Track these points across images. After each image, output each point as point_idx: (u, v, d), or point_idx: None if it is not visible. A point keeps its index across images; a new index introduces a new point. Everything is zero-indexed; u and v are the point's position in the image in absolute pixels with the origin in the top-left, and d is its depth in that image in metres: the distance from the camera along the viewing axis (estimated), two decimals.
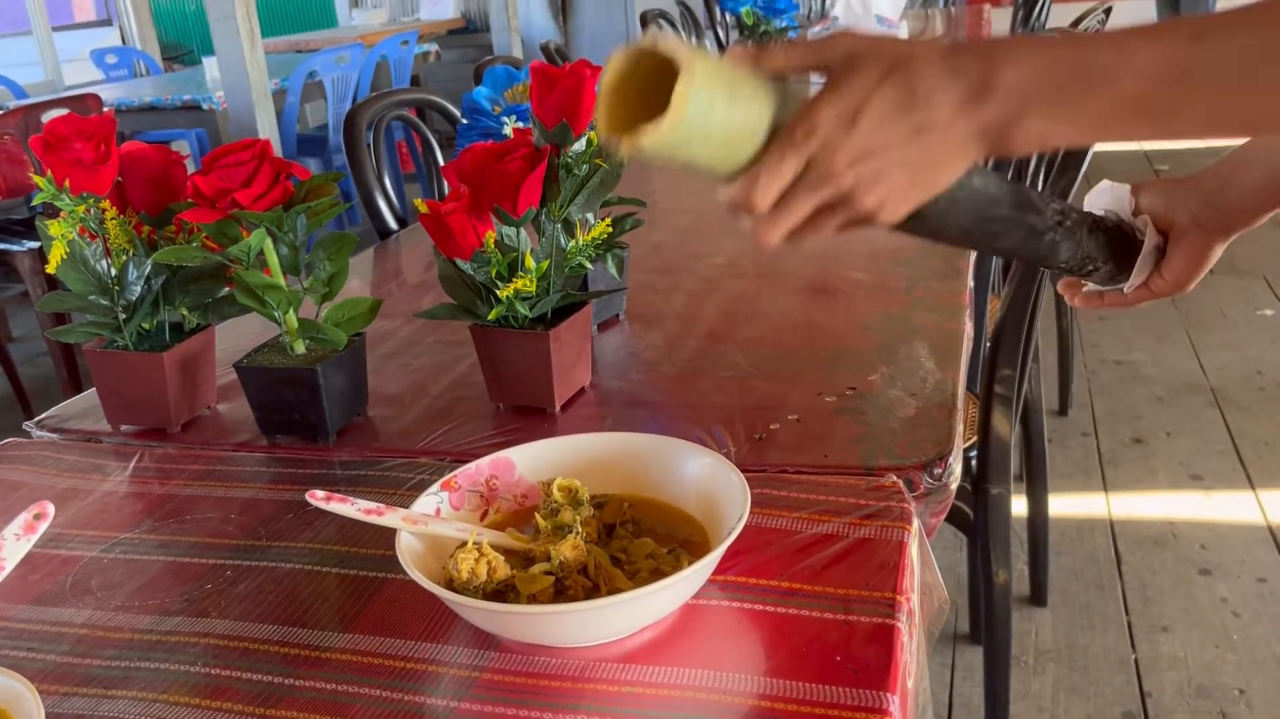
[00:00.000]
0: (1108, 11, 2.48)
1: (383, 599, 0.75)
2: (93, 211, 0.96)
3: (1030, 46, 0.52)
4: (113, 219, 0.97)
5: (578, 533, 0.71)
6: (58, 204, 0.95)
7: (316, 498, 0.72)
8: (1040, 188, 1.59)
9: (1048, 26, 3.04)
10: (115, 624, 0.75)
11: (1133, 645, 1.86)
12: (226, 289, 1.03)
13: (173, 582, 0.80)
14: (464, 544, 0.70)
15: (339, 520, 0.84)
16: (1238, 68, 0.50)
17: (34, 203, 0.96)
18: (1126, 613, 1.94)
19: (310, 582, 0.78)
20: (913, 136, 0.53)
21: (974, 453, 1.43)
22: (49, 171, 0.94)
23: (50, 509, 0.68)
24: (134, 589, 0.79)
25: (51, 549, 0.85)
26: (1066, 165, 1.39)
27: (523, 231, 0.99)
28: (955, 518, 1.49)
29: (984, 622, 1.68)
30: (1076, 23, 2.22)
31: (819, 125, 0.54)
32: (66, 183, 0.94)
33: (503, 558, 0.70)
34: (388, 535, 0.74)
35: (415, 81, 5.32)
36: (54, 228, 0.95)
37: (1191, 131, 0.51)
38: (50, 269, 0.96)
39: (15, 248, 3.07)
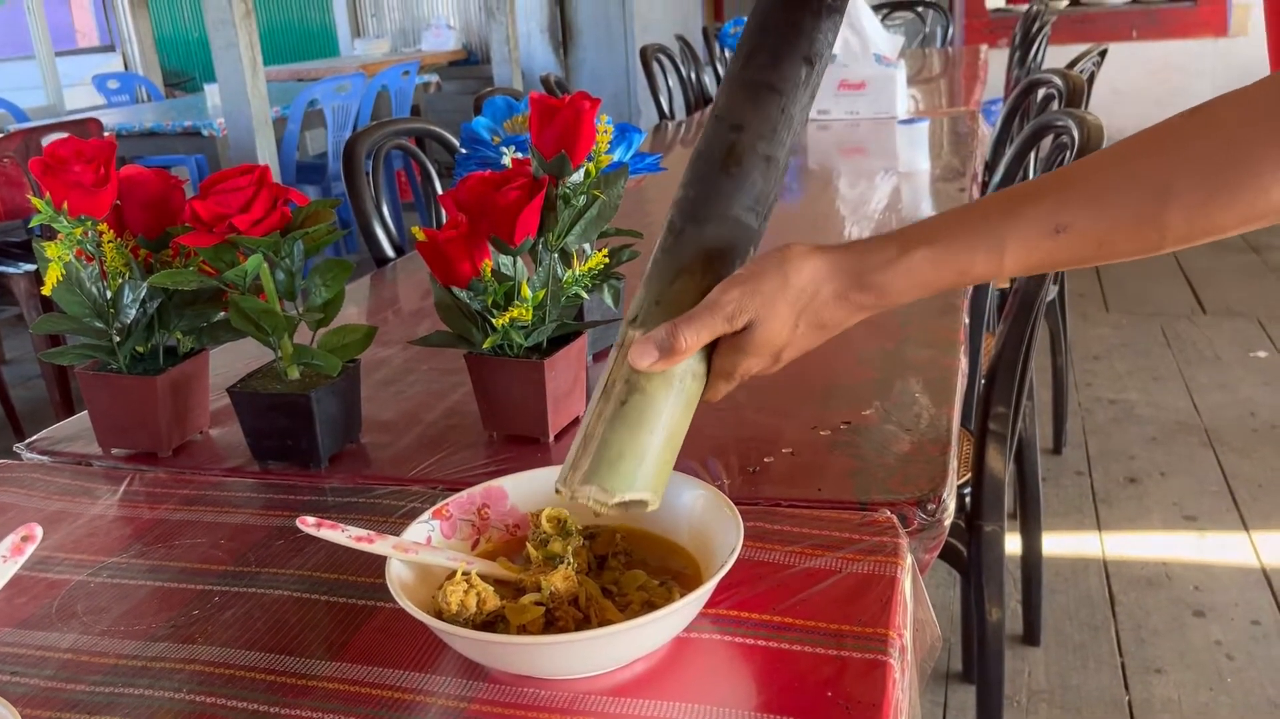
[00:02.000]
0: (1103, 54, 2.51)
1: (371, 628, 0.74)
2: (90, 234, 0.97)
3: (910, 266, 0.62)
4: (110, 242, 0.97)
5: (569, 563, 0.70)
6: (55, 226, 0.95)
7: (307, 524, 0.72)
8: None
9: (1044, 67, 3.07)
10: (101, 649, 0.74)
11: (1126, 687, 1.85)
12: (222, 313, 1.03)
13: (160, 607, 0.79)
14: (453, 576, 0.70)
15: (329, 547, 0.84)
16: (1095, 252, 0.59)
17: (32, 224, 0.96)
18: (1120, 654, 1.93)
19: (299, 609, 0.77)
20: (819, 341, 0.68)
21: (968, 490, 1.43)
22: (47, 194, 0.94)
23: (38, 532, 0.67)
24: (120, 614, 0.78)
25: (38, 572, 0.84)
26: None
27: (519, 261, 0.99)
28: (949, 555, 1.48)
29: (977, 660, 1.67)
30: (1073, 64, 2.25)
31: (752, 370, 0.69)
32: (65, 205, 0.94)
33: (492, 589, 0.69)
34: (377, 563, 0.74)
35: (416, 112, 5.35)
36: (51, 250, 0.95)
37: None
38: (46, 291, 0.96)
39: (11, 270, 3.07)
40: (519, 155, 1.17)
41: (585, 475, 0.65)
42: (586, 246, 1.07)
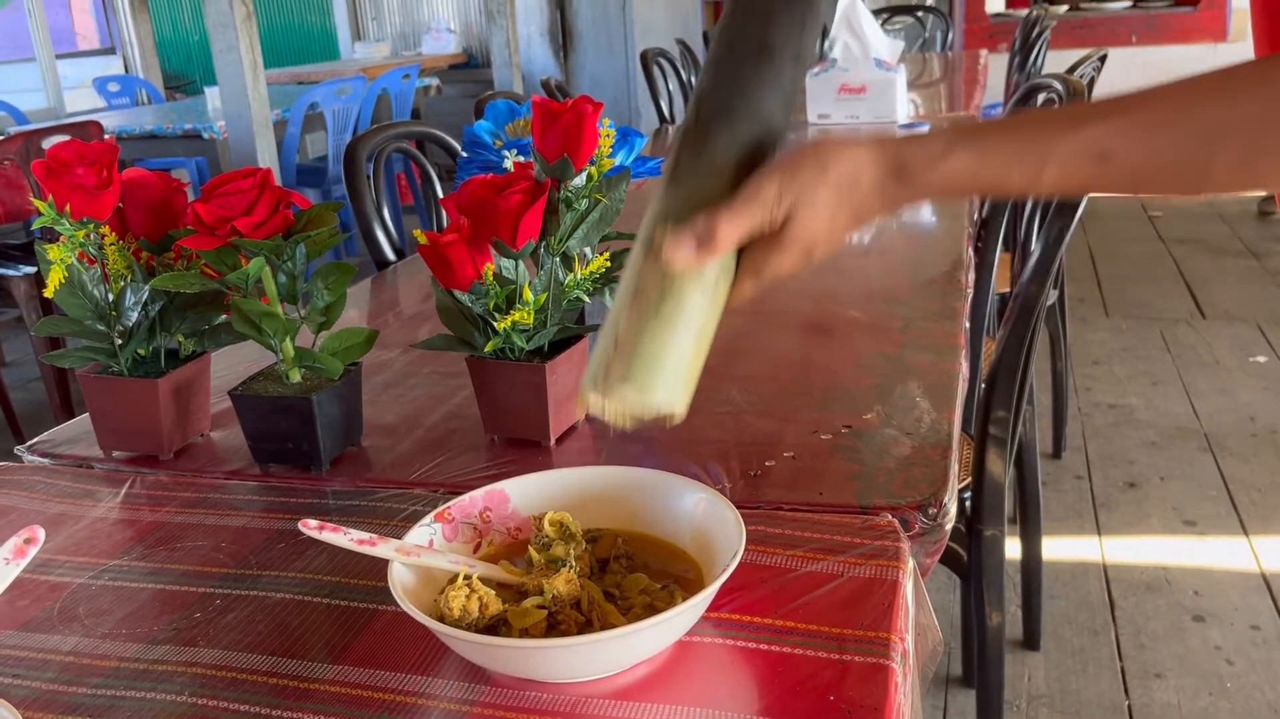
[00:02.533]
0: (1103, 59, 2.51)
1: (373, 631, 0.74)
2: (92, 237, 0.97)
3: (952, 166, 0.61)
4: (112, 245, 0.97)
5: (571, 567, 0.70)
6: (58, 229, 0.95)
7: (310, 527, 0.72)
8: (1035, 230, 1.60)
9: (1044, 72, 3.08)
10: (102, 652, 0.74)
11: (1126, 692, 1.84)
12: (223, 316, 1.03)
13: (161, 610, 0.79)
14: (454, 581, 0.70)
15: (330, 550, 0.84)
16: (1134, 184, 0.59)
17: (34, 227, 0.96)
18: (1120, 658, 1.93)
19: (300, 612, 0.77)
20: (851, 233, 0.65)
21: (968, 494, 1.43)
22: (50, 196, 0.94)
23: (40, 534, 0.68)
24: (122, 617, 0.78)
25: (40, 575, 0.84)
26: (1062, 209, 1.40)
27: (521, 264, 1.00)
28: (949, 559, 1.48)
29: (977, 665, 1.67)
30: (1073, 69, 2.25)
31: (784, 268, 0.66)
32: (67, 208, 0.94)
33: (494, 593, 0.69)
34: (379, 567, 0.74)
35: (416, 115, 5.36)
36: (53, 252, 0.95)
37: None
38: (48, 293, 0.96)
39: (12, 273, 3.07)
40: (521, 159, 1.17)
41: (623, 375, 0.62)
42: (588, 250, 1.08)
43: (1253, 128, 0.55)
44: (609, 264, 1.03)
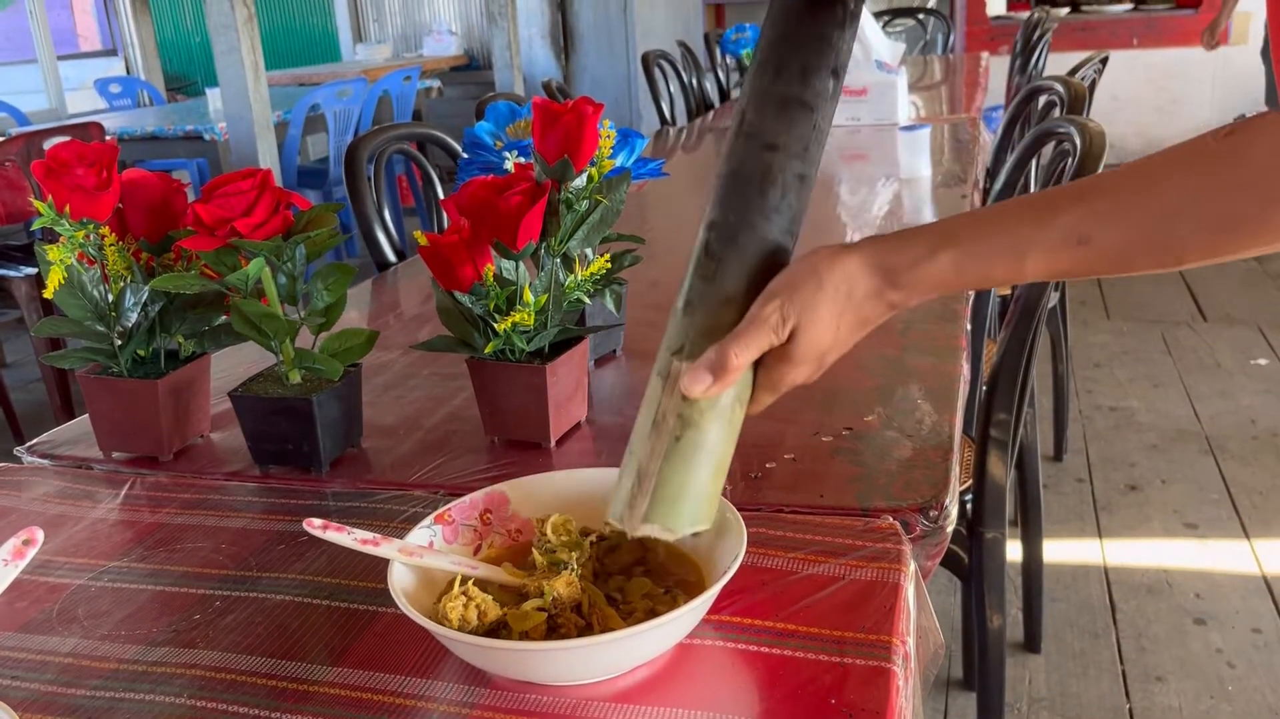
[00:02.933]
0: (1104, 61, 2.51)
1: (373, 633, 0.74)
2: (92, 237, 0.96)
3: (938, 268, 0.63)
4: (112, 245, 0.97)
5: (573, 569, 0.70)
6: (57, 229, 0.95)
7: (314, 526, 0.72)
8: None
9: (1045, 74, 3.08)
10: (101, 653, 0.74)
11: (1127, 695, 1.84)
12: (223, 317, 1.03)
13: (161, 611, 0.79)
14: (450, 589, 0.70)
15: (330, 552, 0.84)
16: (1113, 266, 0.61)
17: (34, 228, 0.96)
18: (1121, 661, 1.93)
19: (300, 614, 0.77)
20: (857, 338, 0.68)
21: (969, 497, 1.43)
22: (50, 197, 0.94)
23: (39, 535, 0.67)
24: (121, 618, 0.78)
25: (39, 576, 0.84)
26: None
27: (521, 266, 0.99)
28: (950, 562, 1.48)
29: (978, 667, 1.66)
30: (1074, 71, 2.25)
31: (798, 380, 0.69)
32: (67, 208, 0.94)
33: (492, 599, 0.69)
34: (379, 569, 0.74)
35: (417, 116, 5.36)
36: (53, 253, 0.95)
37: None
38: (48, 294, 0.96)
39: (12, 273, 3.07)
40: (521, 160, 1.17)
41: (646, 515, 0.65)
42: (589, 251, 1.07)
43: (1223, 204, 0.56)
44: (609, 265, 1.03)
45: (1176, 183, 0.59)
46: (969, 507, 1.42)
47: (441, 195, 1.98)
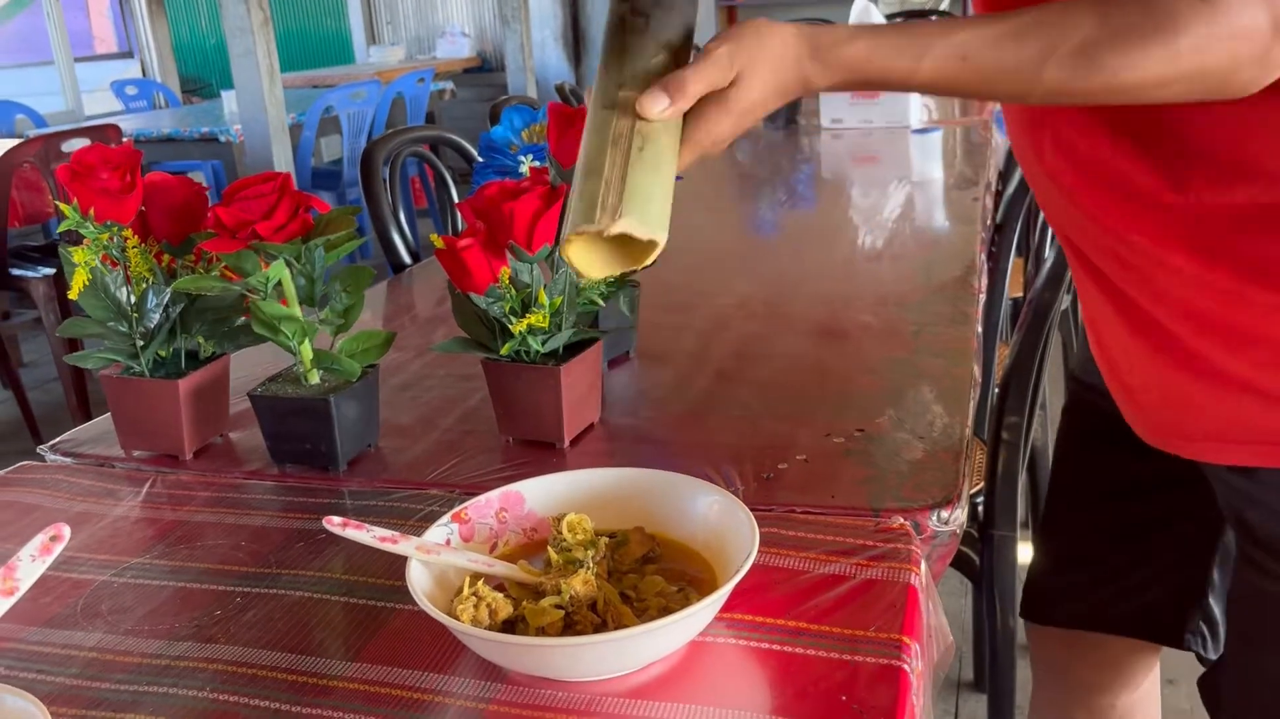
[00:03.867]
0: None
1: (390, 630, 0.75)
2: (115, 240, 0.98)
3: (853, 51, 0.72)
4: (134, 247, 0.99)
5: (589, 568, 0.71)
6: (82, 231, 0.97)
7: (333, 524, 0.73)
8: (1049, 235, 1.60)
9: None
10: (125, 648, 0.75)
11: None
12: (243, 318, 1.05)
13: (182, 607, 0.80)
14: (460, 591, 0.71)
15: (348, 550, 0.85)
16: (981, 83, 0.71)
17: (59, 230, 0.98)
18: None
19: (318, 610, 0.79)
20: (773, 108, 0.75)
21: (981, 498, 1.43)
22: (75, 200, 0.96)
23: (66, 532, 0.69)
24: (144, 614, 0.80)
25: (63, 572, 0.86)
26: None
27: (536, 268, 1.01)
28: (961, 563, 1.49)
29: (988, 669, 1.67)
30: None
31: (723, 132, 0.75)
32: (91, 211, 0.96)
33: (503, 598, 0.70)
34: (395, 566, 0.75)
35: (430, 119, 5.38)
36: (78, 255, 0.97)
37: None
38: (72, 295, 0.97)
39: (31, 274, 3.10)
40: (536, 164, 1.18)
41: (620, 210, 0.68)
42: None
43: (1077, 47, 0.66)
44: None
45: (1049, 23, 0.67)
46: (980, 508, 1.43)
47: (455, 197, 1.99)
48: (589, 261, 0.70)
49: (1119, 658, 1.13)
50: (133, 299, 1.00)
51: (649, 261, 0.71)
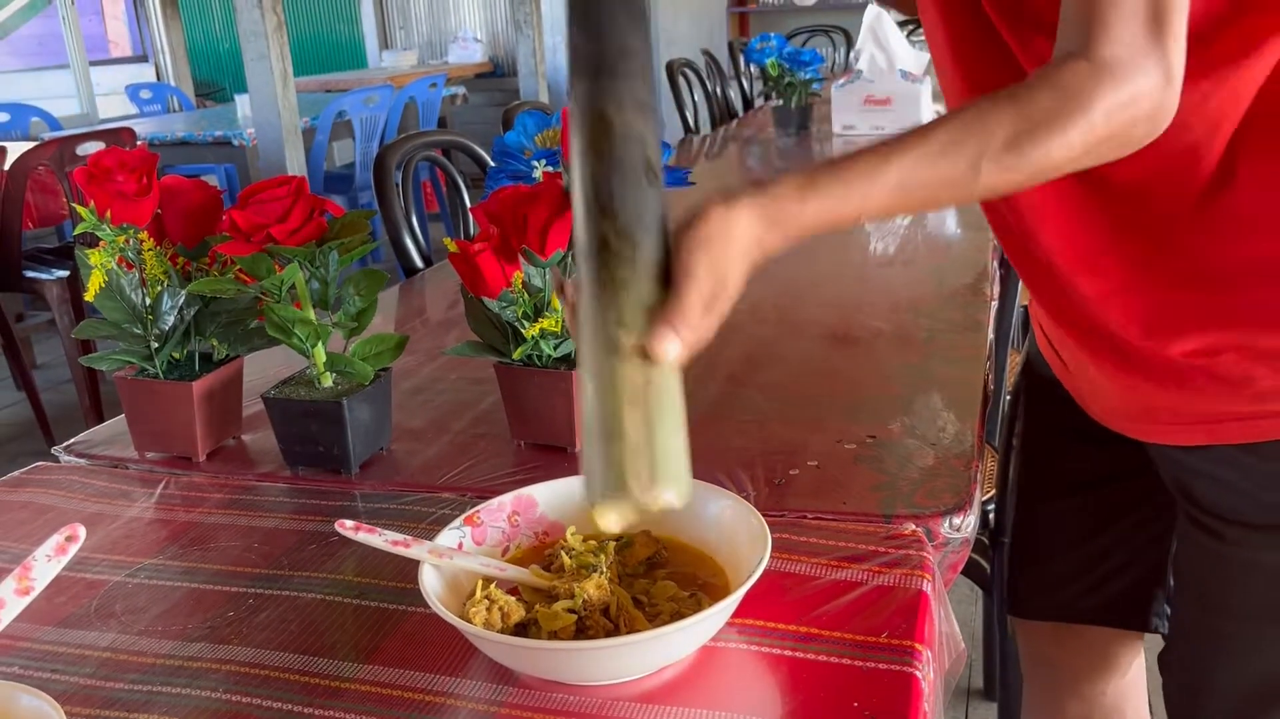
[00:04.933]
0: None
1: (402, 632, 0.75)
2: (131, 242, 0.99)
3: (806, 216, 0.72)
4: (150, 250, 1.00)
5: (602, 572, 0.71)
6: (98, 234, 0.97)
7: (346, 527, 0.73)
8: None
9: None
10: (138, 648, 0.76)
11: (1150, 708, 1.83)
12: (257, 321, 1.05)
13: (195, 608, 0.81)
14: (473, 595, 0.71)
15: (360, 552, 0.85)
16: (923, 204, 0.76)
17: (75, 232, 0.98)
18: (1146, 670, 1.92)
19: (330, 612, 0.79)
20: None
21: (991, 506, 1.43)
22: (91, 202, 0.96)
23: (81, 532, 0.69)
24: (157, 614, 0.80)
25: (77, 573, 0.86)
26: None
27: (549, 272, 1.01)
28: (971, 571, 1.48)
29: (999, 677, 1.66)
30: None
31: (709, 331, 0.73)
32: (108, 214, 0.96)
33: (515, 602, 0.71)
34: (407, 569, 0.75)
35: (442, 123, 5.40)
36: (94, 257, 0.97)
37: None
38: (89, 297, 0.98)
39: (45, 276, 3.12)
40: (550, 169, 1.18)
41: (655, 479, 0.66)
42: None
43: (1002, 147, 0.70)
44: None
45: (971, 133, 0.71)
46: (991, 516, 1.43)
47: (468, 201, 2.00)
48: (614, 518, 0.67)
49: (1104, 646, 1.15)
50: (148, 301, 1.01)
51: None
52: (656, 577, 0.75)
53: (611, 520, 0.67)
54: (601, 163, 0.71)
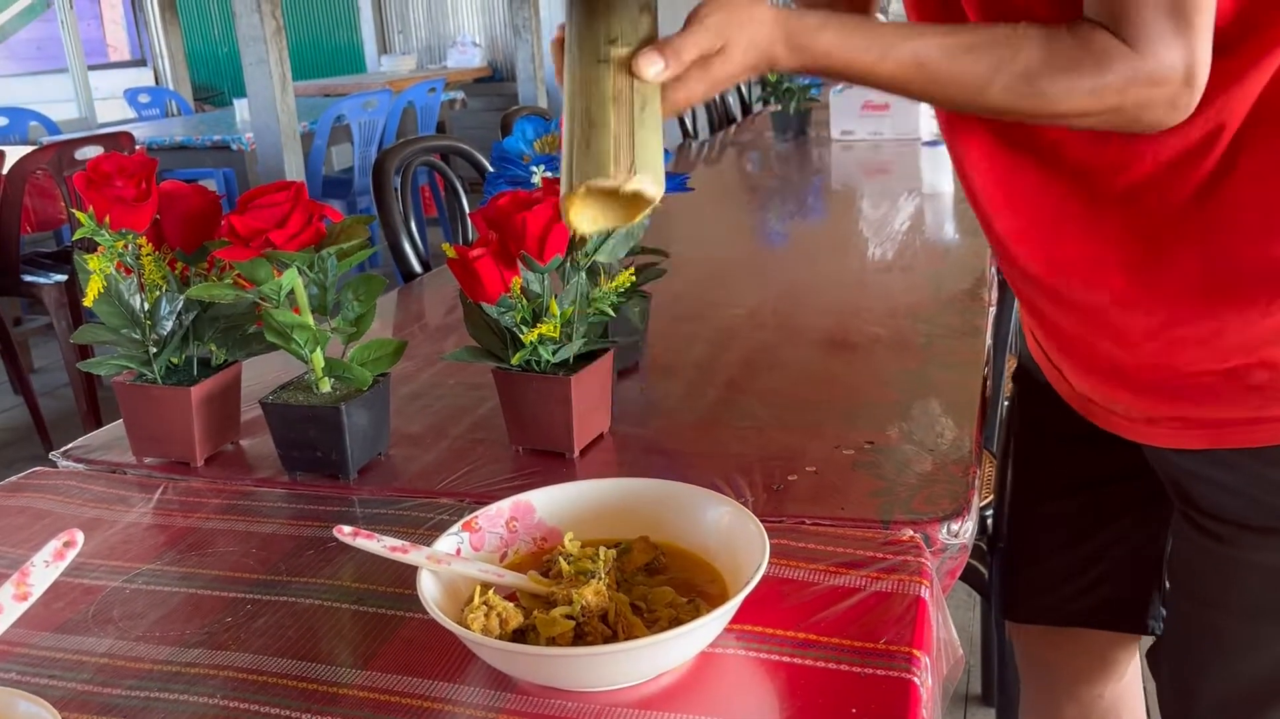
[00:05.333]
0: None
1: (400, 638, 0.75)
2: (130, 248, 0.99)
3: (822, 40, 0.74)
4: (149, 255, 1.00)
5: (600, 578, 0.71)
6: (97, 239, 0.97)
7: (344, 533, 0.73)
8: None
9: None
10: (136, 654, 0.76)
11: (1147, 711, 1.83)
12: (255, 326, 1.05)
13: (193, 614, 0.81)
14: (471, 601, 0.71)
15: (358, 558, 0.85)
16: (937, 89, 0.76)
17: (74, 237, 0.98)
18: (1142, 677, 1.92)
19: (328, 618, 0.79)
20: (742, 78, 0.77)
21: (990, 512, 1.43)
22: (90, 207, 0.96)
23: (80, 538, 0.69)
24: (155, 620, 0.80)
25: (75, 578, 0.86)
26: None
27: (547, 278, 1.01)
28: (969, 577, 1.48)
29: (997, 683, 1.66)
30: None
31: (697, 95, 0.76)
32: (106, 219, 0.96)
33: (513, 607, 0.71)
34: (405, 575, 0.75)
35: (441, 128, 5.40)
36: (92, 262, 0.97)
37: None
38: (87, 302, 0.98)
39: (43, 280, 3.11)
40: (549, 174, 1.19)
41: (635, 168, 0.70)
42: (614, 264, 1.09)
43: (1020, 71, 0.72)
44: (634, 278, 1.05)
45: (1000, 45, 0.72)
46: (989, 522, 1.43)
47: (467, 206, 2.00)
48: (588, 216, 0.72)
49: (1100, 649, 1.15)
50: (146, 306, 1.01)
51: (641, 218, 0.73)
52: (655, 582, 0.75)
53: (586, 219, 0.70)
54: None
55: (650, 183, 0.69)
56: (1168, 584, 1.06)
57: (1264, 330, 0.78)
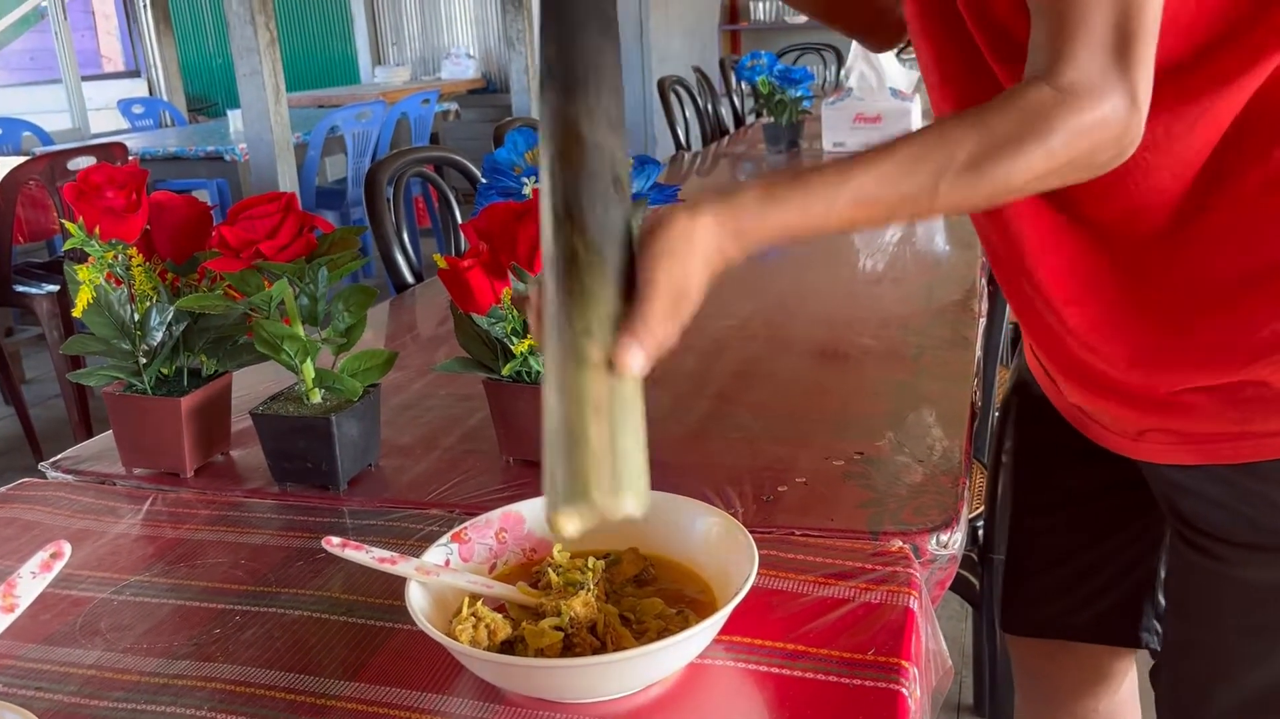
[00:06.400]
0: None
1: (389, 649, 0.75)
2: (120, 258, 0.99)
3: (768, 225, 0.73)
4: (139, 266, 1.00)
5: (589, 589, 0.71)
6: (87, 250, 0.97)
7: (332, 544, 0.73)
8: None
9: None
10: (123, 666, 0.75)
11: None
12: (245, 337, 1.05)
13: (181, 625, 0.80)
14: (460, 612, 0.71)
15: (347, 569, 0.85)
16: (885, 217, 0.74)
17: (64, 248, 0.98)
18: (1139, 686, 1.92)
19: (317, 629, 0.79)
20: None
21: (980, 522, 1.43)
22: (80, 218, 0.96)
23: (67, 549, 0.69)
24: (143, 632, 0.80)
25: (62, 589, 0.86)
26: None
27: None
28: (960, 587, 1.49)
29: (988, 693, 1.66)
30: None
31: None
32: (97, 230, 0.96)
33: (502, 619, 0.70)
34: (394, 586, 0.75)
35: (435, 139, 5.41)
36: (82, 273, 0.97)
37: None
38: (77, 313, 0.98)
39: (34, 291, 3.11)
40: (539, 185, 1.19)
41: (617, 487, 0.65)
42: None
43: (963, 166, 0.70)
44: None
45: (933, 151, 0.71)
46: (980, 532, 1.43)
47: (459, 217, 2.00)
48: (573, 525, 0.65)
49: (1096, 662, 1.15)
50: (136, 317, 1.01)
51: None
52: (644, 594, 0.75)
53: (571, 527, 0.67)
54: (572, 175, 0.71)
55: (632, 502, 0.65)
56: (1163, 600, 1.07)
57: (1250, 347, 0.78)
